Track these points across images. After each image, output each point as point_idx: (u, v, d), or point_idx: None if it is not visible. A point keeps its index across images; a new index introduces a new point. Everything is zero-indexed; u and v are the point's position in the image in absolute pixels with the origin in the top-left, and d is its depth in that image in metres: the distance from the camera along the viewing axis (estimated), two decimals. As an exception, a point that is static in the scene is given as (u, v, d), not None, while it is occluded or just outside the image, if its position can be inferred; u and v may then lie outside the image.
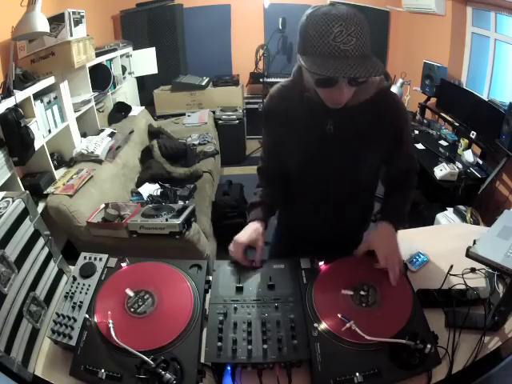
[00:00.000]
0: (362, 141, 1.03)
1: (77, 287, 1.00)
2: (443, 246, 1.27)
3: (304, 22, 0.86)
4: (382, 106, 1.00)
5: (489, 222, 2.19)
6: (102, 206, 2.24)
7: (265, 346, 0.86)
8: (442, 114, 3.38)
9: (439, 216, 2.60)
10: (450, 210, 2.59)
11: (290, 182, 1.21)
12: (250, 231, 1.10)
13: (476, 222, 2.40)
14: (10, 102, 1.90)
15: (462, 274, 1.11)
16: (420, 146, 3.12)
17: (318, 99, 0.96)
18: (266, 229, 1.14)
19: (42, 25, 1.90)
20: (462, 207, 2.54)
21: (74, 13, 2.37)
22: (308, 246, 1.26)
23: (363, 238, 1.34)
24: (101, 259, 1.08)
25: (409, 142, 1.15)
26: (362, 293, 0.96)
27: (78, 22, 2.43)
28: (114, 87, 3.48)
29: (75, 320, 0.92)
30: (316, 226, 1.24)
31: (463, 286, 1.05)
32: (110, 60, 3.42)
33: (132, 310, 0.94)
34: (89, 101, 2.87)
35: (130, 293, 0.96)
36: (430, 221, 2.68)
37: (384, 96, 1.01)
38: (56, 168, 2.44)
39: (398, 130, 1.06)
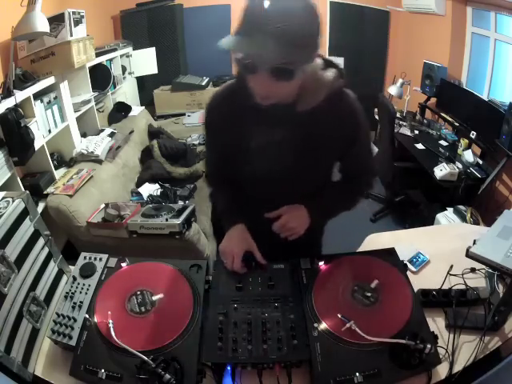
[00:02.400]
0: (313, 146, 0.98)
1: (77, 287, 1.00)
2: (443, 246, 1.27)
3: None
4: (335, 109, 0.94)
5: (489, 222, 2.19)
6: (102, 205, 2.24)
7: (265, 346, 0.86)
8: (442, 114, 3.37)
9: (439, 216, 2.60)
10: (450, 209, 2.59)
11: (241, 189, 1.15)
12: (239, 237, 1.07)
13: (476, 222, 2.40)
14: (10, 102, 1.90)
15: (462, 274, 1.11)
16: (420, 146, 3.12)
17: (265, 106, 0.89)
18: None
19: (42, 25, 1.90)
20: (462, 207, 2.54)
21: (73, 13, 2.37)
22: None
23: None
24: (101, 259, 1.08)
25: (365, 146, 1.10)
26: (362, 293, 0.96)
27: (77, 22, 2.43)
28: (114, 87, 3.47)
29: (75, 320, 0.92)
30: (265, 233, 1.10)
31: (463, 286, 1.05)
32: (110, 60, 3.42)
33: (132, 310, 0.94)
34: (89, 101, 2.87)
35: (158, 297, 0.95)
36: (430, 221, 2.68)
37: (337, 97, 0.94)
38: (56, 168, 2.44)
39: (353, 135, 1.01)
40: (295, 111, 0.91)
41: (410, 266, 1.16)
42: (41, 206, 2.11)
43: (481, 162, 2.73)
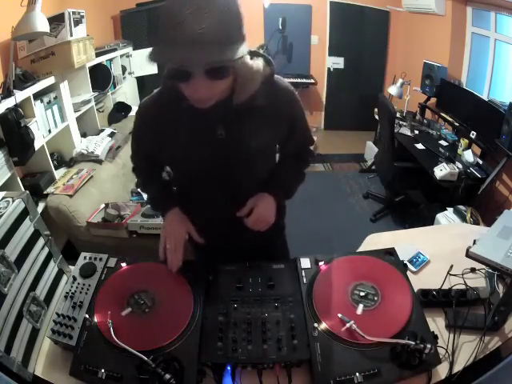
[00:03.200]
0: (257, 137, 0.98)
1: (77, 287, 1.00)
2: (443, 246, 1.27)
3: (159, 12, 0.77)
4: (270, 95, 0.94)
5: (489, 222, 2.19)
6: (102, 205, 2.24)
7: (265, 346, 0.86)
8: (442, 114, 3.38)
9: (439, 216, 2.61)
10: (450, 210, 2.59)
11: (188, 193, 1.15)
12: (179, 220, 1.09)
13: (476, 222, 2.40)
14: (10, 102, 1.90)
15: (462, 274, 1.11)
16: (420, 146, 3.13)
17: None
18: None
19: (42, 25, 1.90)
20: (462, 207, 2.54)
21: (74, 13, 2.37)
22: (220, 257, 1.12)
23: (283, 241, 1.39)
24: (101, 259, 1.08)
25: (303, 122, 1.12)
26: (362, 293, 0.97)
27: (77, 22, 2.43)
28: (114, 87, 3.47)
29: (75, 320, 0.92)
30: (224, 233, 1.14)
31: (463, 286, 1.05)
32: (110, 60, 3.42)
33: (132, 310, 0.94)
34: (89, 101, 2.87)
35: (126, 312, 0.94)
36: (430, 221, 2.69)
37: (269, 84, 0.94)
38: (56, 168, 2.44)
39: (291, 116, 1.03)
40: (231, 105, 0.90)
41: (409, 265, 1.16)
42: (41, 206, 2.11)
43: (481, 162, 2.73)
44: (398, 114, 3.53)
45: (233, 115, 0.92)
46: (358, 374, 0.80)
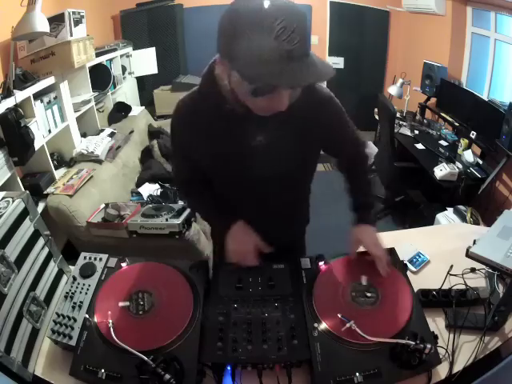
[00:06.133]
0: (297, 145, 0.97)
1: (77, 287, 1.00)
2: (443, 246, 1.27)
3: (229, 20, 0.70)
4: (311, 102, 0.92)
5: (489, 222, 2.19)
6: (102, 206, 2.24)
7: (265, 346, 0.86)
8: (442, 114, 3.38)
9: (439, 216, 2.60)
10: (450, 210, 2.59)
11: (221, 195, 1.14)
12: (245, 234, 1.07)
13: (476, 222, 2.40)
14: (10, 102, 1.90)
15: (462, 274, 1.11)
16: (420, 146, 3.13)
17: (241, 110, 0.84)
18: None
19: (42, 25, 1.90)
20: (462, 207, 2.54)
21: (73, 13, 2.37)
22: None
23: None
24: (101, 259, 1.08)
25: (348, 128, 1.10)
26: (362, 293, 0.96)
27: (77, 22, 2.43)
28: (114, 87, 3.47)
29: (75, 320, 0.92)
30: (257, 233, 1.11)
31: (463, 286, 1.05)
32: (110, 60, 3.42)
33: (132, 310, 0.94)
34: (89, 101, 2.87)
35: (124, 304, 0.95)
36: (430, 221, 2.68)
37: (311, 91, 0.92)
38: (56, 168, 2.44)
39: (333, 122, 1.02)
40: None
41: (409, 265, 1.16)
42: (41, 206, 2.11)
43: (481, 162, 2.73)
44: (398, 114, 3.52)
45: (273, 121, 0.88)
46: (357, 373, 0.80)
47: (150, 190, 2.68)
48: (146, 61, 4.00)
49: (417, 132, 3.38)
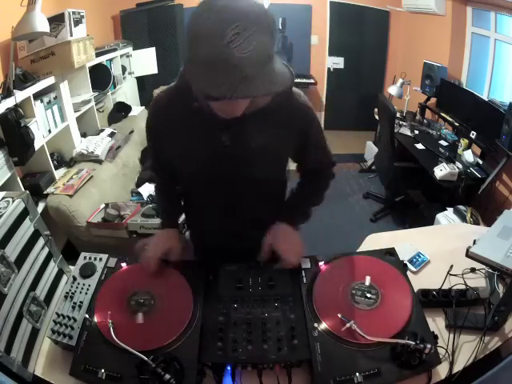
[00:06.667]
0: (264, 149, 0.94)
1: (77, 287, 1.00)
2: (443, 246, 1.27)
3: (191, 21, 0.67)
4: (283, 107, 0.91)
5: (489, 222, 2.19)
6: (102, 206, 2.24)
7: (265, 346, 0.86)
8: (442, 114, 3.38)
9: (439, 216, 2.60)
10: (450, 210, 2.59)
11: (191, 196, 1.16)
12: (166, 238, 1.10)
13: (476, 222, 2.40)
14: (10, 102, 1.90)
15: (462, 274, 1.11)
16: (420, 146, 3.13)
17: (209, 110, 0.84)
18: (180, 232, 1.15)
19: (42, 25, 1.90)
20: (462, 207, 2.54)
21: (74, 13, 2.37)
22: (223, 257, 1.11)
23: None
24: (101, 259, 1.08)
25: (319, 141, 1.08)
26: (362, 293, 0.96)
27: (78, 22, 2.43)
28: (114, 87, 3.48)
29: (75, 320, 0.92)
30: (228, 238, 1.12)
31: (463, 286, 1.05)
32: (110, 60, 3.42)
33: (132, 310, 0.94)
34: (89, 101, 2.87)
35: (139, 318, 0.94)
36: (430, 221, 2.68)
37: (285, 96, 0.90)
38: (56, 168, 2.44)
39: (304, 132, 1.00)
40: (243, 113, 0.84)
41: (409, 265, 1.16)
42: (41, 206, 2.11)
43: (481, 162, 2.73)
44: (398, 114, 3.53)
45: (241, 123, 0.87)
46: (358, 374, 0.80)
47: (150, 190, 2.68)
48: (145, 61, 4.00)
49: (417, 132, 3.38)
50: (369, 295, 0.96)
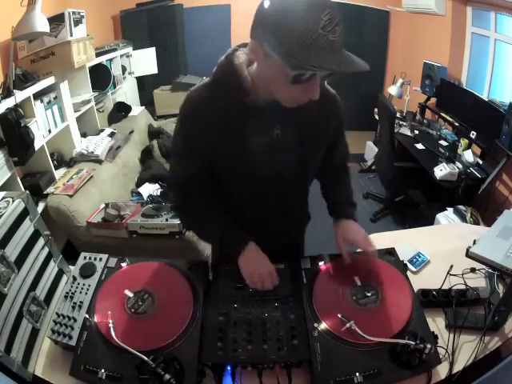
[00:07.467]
0: (310, 140, 0.97)
1: (77, 287, 1.00)
2: (443, 246, 1.27)
3: (274, 9, 0.71)
4: (322, 100, 0.88)
5: (489, 222, 2.19)
6: (102, 206, 2.24)
7: (265, 346, 0.86)
8: (442, 114, 3.38)
9: (439, 216, 2.61)
10: (450, 210, 2.59)
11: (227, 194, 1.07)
12: (260, 256, 1.02)
13: (476, 222, 2.40)
14: (10, 102, 1.90)
15: (462, 274, 1.11)
16: (420, 146, 3.13)
17: (263, 103, 0.85)
18: None
19: (42, 25, 1.90)
20: (461, 207, 2.54)
21: (74, 13, 2.37)
22: None
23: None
24: (101, 259, 1.08)
25: (344, 132, 1.15)
26: (362, 293, 0.96)
27: (78, 22, 2.43)
28: (114, 87, 3.48)
29: (75, 320, 0.92)
30: (265, 233, 1.07)
31: (463, 286, 1.05)
32: (110, 60, 3.42)
33: (132, 310, 0.94)
34: (89, 101, 2.87)
35: (130, 293, 0.96)
36: (430, 221, 2.69)
37: (322, 89, 0.89)
38: (56, 168, 2.44)
39: (340, 122, 1.06)
40: (286, 108, 0.84)
41: (409, 265, 1.16)
42: (41, 206, 2.11)
43: (481, 162, 2.74)
44: (398, 114, 3.53)
45: (291, 116, 0.89)
46: (358, 373, 0.80)
47: (150, 190, 2.68)
48: (145, 61, 4.01)
49: (417, 132, 3.38)
50: (369, 295, 0.96)
